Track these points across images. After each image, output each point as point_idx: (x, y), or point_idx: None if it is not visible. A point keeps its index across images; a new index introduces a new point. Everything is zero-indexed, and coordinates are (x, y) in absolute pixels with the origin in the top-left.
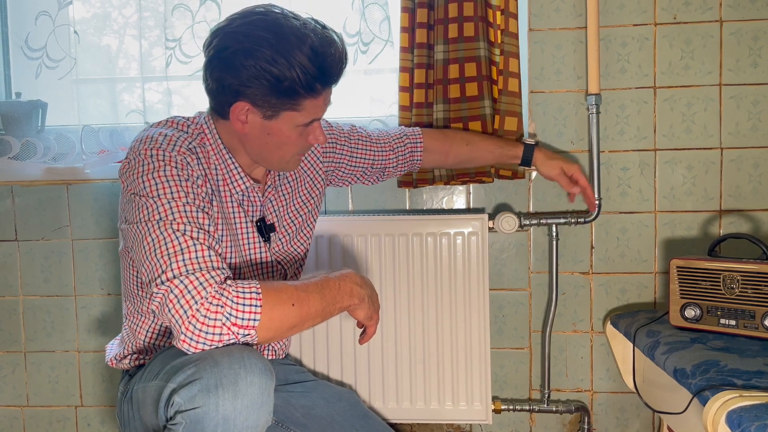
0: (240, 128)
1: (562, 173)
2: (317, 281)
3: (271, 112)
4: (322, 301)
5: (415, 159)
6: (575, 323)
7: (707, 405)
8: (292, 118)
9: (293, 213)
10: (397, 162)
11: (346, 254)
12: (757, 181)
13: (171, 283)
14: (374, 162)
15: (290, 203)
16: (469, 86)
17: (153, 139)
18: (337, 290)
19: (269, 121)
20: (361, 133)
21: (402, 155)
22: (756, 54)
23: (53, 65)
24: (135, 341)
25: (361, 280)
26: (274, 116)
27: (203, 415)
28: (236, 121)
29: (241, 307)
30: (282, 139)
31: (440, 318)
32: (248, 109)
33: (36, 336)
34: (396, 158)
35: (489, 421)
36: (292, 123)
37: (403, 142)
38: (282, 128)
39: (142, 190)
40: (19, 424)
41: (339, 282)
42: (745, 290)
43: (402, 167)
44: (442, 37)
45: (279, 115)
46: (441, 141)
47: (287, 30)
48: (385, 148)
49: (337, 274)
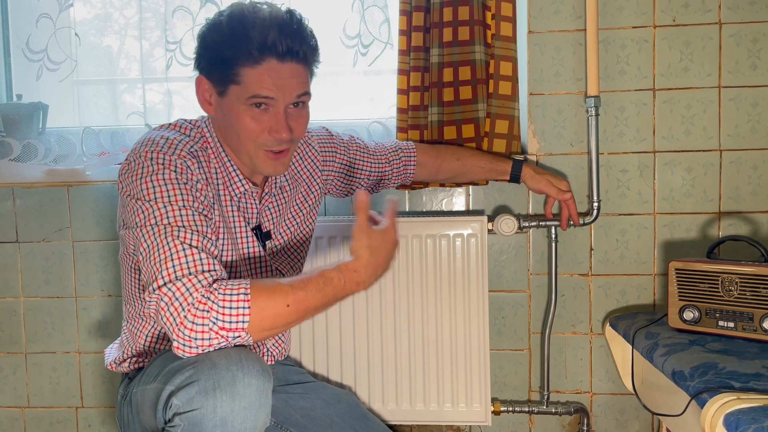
0: (208, 110)
1: (550, 184)
2: (317, 277)
3: (221, 87)
4: (322, 299)
5: (408, 172)
6: (574, 325)
7: (705, 407)
8: (237, 93)
9: (290, 221)
10: (392, 174)
11: (345, 255)
12: (756, 183)
13: (161, 290)
14: (371, 173)
15: (286, 211)
16: (462, 89)
17: (154, 142)
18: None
19: (222, 99)
20: (359, 144)
21: (397, 168)
22: (755, 56)
23: (54, 67)
24: (135, 345)
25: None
26: (224, 91)
27: (201, 417)
28: (204, 102)
29: (227, 310)
30: (238, 121)
31: (440, 319)
32: (205, 84)
33: (37, 337)
34: (391, 170)
35: (488, 422)
36: (239, 99)
37: (398, 155)
38: (234, 105)
39: (139, 193)
40: (20, 425)
41: (344, 278)
42: (743, 293)
43: (396, 179)
44: (437, 41)
45: (227, 91)
46: (433, 156)
47: (245, 11)
48: (381, 159)
49: (345, 267)
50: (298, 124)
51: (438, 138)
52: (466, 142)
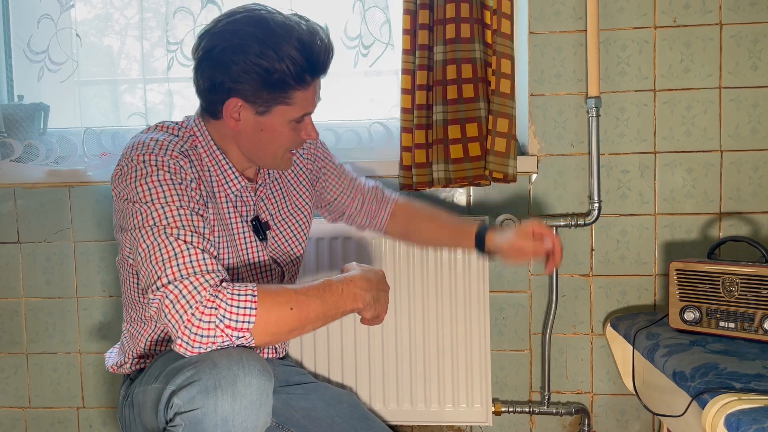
0: (234, 126)
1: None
2: (319, 285)
3: (264, 107)
4: (323, 305)
5: (381, 217)
6: (575, 325)
7: (706, 408)
8: (284, 113)
9: (285, 211)
10: (361, 208)
11: (346, 256)
12: (756, 183)
13: (166, 288)
14: (338, 197)
15: (281, 201)
16: (465, 87)
17: (145, 144)
18: (340, 295)
19: (262, 117)
20: (346, 168)
21: (368, 204)
22: (756, 57)
23: (55, 68)
24: (135, 348)
25: (367, 284)
26: (267, 111)
27: (202, 417)
28: (230, 119)
29: (235, 309)
30: (275, 135)
31: (441, 320)
32: (241, 106)
33: (38, 338)
34: (360, 204)
35: (489, 422)
36: (285, 118)
37: (376, 194)
38: (275, 123)
39: (135, 196)
40: (21, 426)
41: (342, 286)
42: (744, 293)
43: (363, 218)
44: (441, 38)
45: (271, 110)
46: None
47: (273, 24)
48: (356, 189)
49: (341, 278)
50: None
51: (443, 136)
52: (470, 141)
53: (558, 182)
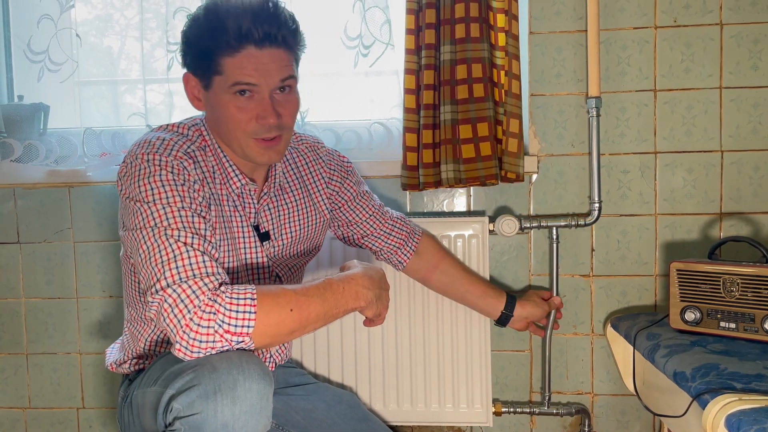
0: (197, 106)
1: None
2: (319, 284)
3: (205, 80)
4: (323, 305)
5: (407, 248)
6: (576, 326)
7: (707, 408)
8: (220, 83)
9: (286, 227)
10: (386, 237)
11: (346, 256)
12: (757, 183)
13: (164, 292)
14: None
15: (287, 216)
16: (476, 87)
17: (150, 143)
18: (341, 294)
19: (208, 92)
20: (374, 197)
21: (395, 235)
22: (756, 57)
23: (55, 68)
24: (135, 347)
25: (369, 282)
26: (209, 85)
27: (202, 422)
28: (193, 99)
29: (233, 314)
30: (225, 112)
31: (441, 320)
32: (192, 81)
33: (38, 338)
34: (384, 232)
35: (489, 423)
36: (223, 89)
37: (404, 226)
38: (219, 97)
39: (138, 195)
40: (21, 426)
41: (343, 285)
42: (745, 293)
43: (385, 248)
44: (449, 38)
45: (212, 83)
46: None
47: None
48: (385, 217)
49: (343, 276)
50: (286, 109)
51: (452, 136)
52: (482, 140)
53: (558, 182)
